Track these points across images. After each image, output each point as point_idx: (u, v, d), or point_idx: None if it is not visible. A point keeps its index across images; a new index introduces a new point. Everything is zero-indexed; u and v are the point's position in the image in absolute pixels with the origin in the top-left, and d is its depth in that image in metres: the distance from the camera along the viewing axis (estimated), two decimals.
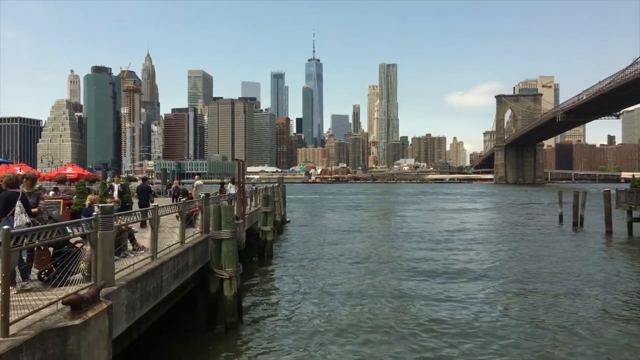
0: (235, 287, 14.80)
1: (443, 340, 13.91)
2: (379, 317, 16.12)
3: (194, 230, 15.40)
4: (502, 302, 18.25)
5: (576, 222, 42.90)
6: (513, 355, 12.58)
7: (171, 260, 11.44)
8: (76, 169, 30.90)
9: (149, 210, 10.68)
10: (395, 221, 54.40)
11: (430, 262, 26.60)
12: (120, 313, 8.20)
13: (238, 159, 26.65)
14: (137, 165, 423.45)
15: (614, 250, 31.19)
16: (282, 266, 25.26)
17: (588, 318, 15.87)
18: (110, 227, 7.78)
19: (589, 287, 20.49)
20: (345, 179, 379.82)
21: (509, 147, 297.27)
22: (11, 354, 5.28)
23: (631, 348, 13.19)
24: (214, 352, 12.66)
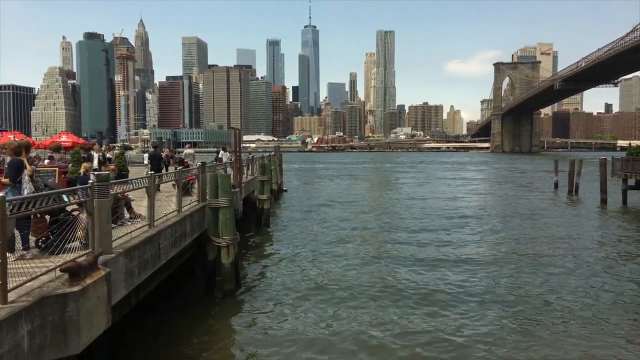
0: (232, 255, 14.90)
1: (437, 298, 14.45)
2: (375, 280, 16.45)
3: (190, 198, 15.39)
4: (494, 264, 18.76)
5: (571, 190, 43.13)
6: (506, 316, 12.89)
7: (168, 228, 11.45)
8: (71, 137, 30.69)
9: (146, 178, 10.62)
10: (392, 189, 54.58)
11: (426, 228, 26.95)
12: (118, 280, 8.24)
13: (234, 127, 26.46)
14: (132, 134, 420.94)
15: (607, 217, 31.47)
16: (279, 234, 25.42)
17: (578, 279, 16.43)
18: (106, 195, 7.74)
19: (579, 251, 20.91)
20: (341, 148, 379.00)
21: (506, 116, 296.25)
22: (10, 320, 5.31)
23: (620, 306, 13.66)
24: (212, 319, 12.82)
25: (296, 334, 11.80)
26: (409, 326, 12.37)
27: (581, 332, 11.79)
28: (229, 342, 11.47)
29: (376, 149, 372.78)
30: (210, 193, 15.21)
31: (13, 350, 5.35)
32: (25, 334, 5.57)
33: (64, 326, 6.17)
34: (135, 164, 39.10)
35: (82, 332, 6.40)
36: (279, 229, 27.10)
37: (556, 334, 11.71)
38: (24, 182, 8.14)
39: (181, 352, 10.55)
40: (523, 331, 11.98)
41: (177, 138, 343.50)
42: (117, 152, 26.40)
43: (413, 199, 42.63)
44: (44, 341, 5.94)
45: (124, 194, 11.18)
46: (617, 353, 10.58)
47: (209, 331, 11.93)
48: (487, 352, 10.81)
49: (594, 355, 10.54)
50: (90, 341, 6.69)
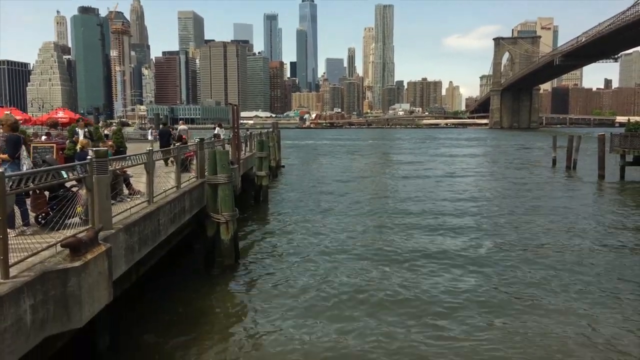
0: (231, 231, 14.98)
1: (435, 266, 14.88)
2: (374, 253, 16.72)
3: (189, 175, 15.40)
4: (490, 235, 19.40)
5: (569, 166, 43.23)
6: (503, 284, 13.16)
7: (167, 204, 11.48)
8: (68, 113, 30.54)
9: (144, 155, 10.59)
10: (389, 165, 54.61)
11: (423, 202, 27.25)
12: (119, 256, 8.30)
13: (232, 103, 26.29)
14: (129, 110, 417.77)
15: (604, 193, 31.63)
16: (278, 210, 25.50)
17: (572, 249, 16.97)
18: (105, 171, 7.73)
19: (574, 224, 21.28)
20: (339, 124, 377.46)
21: (505, 92, 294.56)
22: (12, 295, 5.36)
23: (612, 276, 14.01)
24: (212, 293, 12.95)
25: (295, 307, 11.93)
26: (406, 291, 12.57)
27: (573, 304, 11.96)
28: (229, 316, 11.61)
29: (374, 125, 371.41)
30: (209, 169, 15.21)
31: (16, 324, 5.41)
32: (28, 308, 5.62)
33: (66, 301, 6.24)
34: (133, 140, 39.00)
35: (84, 306, 6.47)
36: (277, 205, 27.18)
37: (547, 305, 11.89)
38: (22, 157, 8.13)
39: (181, 326, 10.69)
40: (514, 298, 12.21)
41: (175, 114, 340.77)
42: (114, 129, 26.33)
43: (410, 174, 42.78)
44: (47, 315, 6.00)
45: (123, 170, 11.17)
46: (610, 324, 10.74)
47: (209, 305, 12.06)
48: (477, 314, 11.00)
49: (584, 324, 10.71)
50: (92, 315, 6.77)
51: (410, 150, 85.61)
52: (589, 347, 9.74)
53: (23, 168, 8.02)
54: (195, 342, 9.95)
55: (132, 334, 10.13)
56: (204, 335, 10.36)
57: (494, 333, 10.45)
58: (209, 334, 10.46)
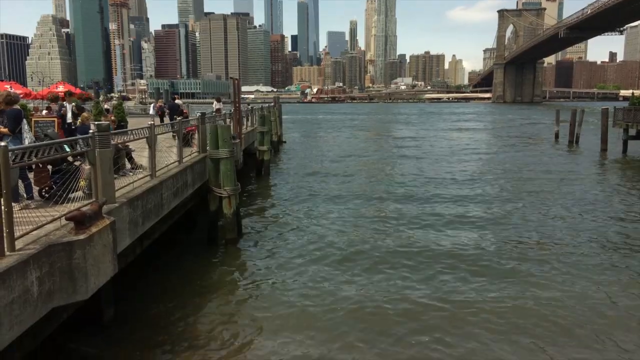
0: (234, 205, 15.05)
1: (438, 234, 15.34)
2: (376, 224, 16.93)
3: (191, 149, 15.41)
4: (491, 207, 19.75)
5: (572, 141, 43.08)
6: (502, 253, 13.38)
7: (170, 178, 11.53)
8: (68, 87, 30.33)
9: (146, 129, 10.58)
10: (391, 140, 54.46)
11: (425, 175, 27.44)
12: (123, 229, 8.37)
13: (233, 77, 26.09)
14: (129, 85, 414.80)
15: (606, 167, 31.62)
16: (280, 184, 25.57)
17: (572, 223, 17.18)
18: (107, 145, 7.74)
19: (575, 198, 21.35)
20: (341, 99, 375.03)
21: (508, 65, 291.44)
22: (19, 267, 5.44)
23: (609, 246, 14.19)
24: (216, 266, 13.09)
25: (297, 279, 12.08)
26: (411, 257, 12.76)
27: (571, 272, 12.08)
28: (232, 288, 11.76)
29: (376, 99, 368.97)
30: (211, 144, 15.19)
31: (23, 295, 5.51)
32: (35, 279, 5.71)
33: (71, 273, 6.32)
34: (134, 115, 38.87)
35: (90, 278, 6.56)
36: (279, 179, 27.23)
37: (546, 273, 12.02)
38: (24, 131, 8.12)
39: (185, 299, 10.83)
40: (514, 266, 12.37)
41: (175, 89, 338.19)
42: (115, 103, 26.23)
43: (412, 149, 42.72)
44: (53, 287, 6.10)
45: (125, 145, 11.19)
46: (604, 292, 10.87)
47: (212, 278, 12.21)
48: (479, 280, 11.15)
49: (578, 292, 10.85)
50: (97, 287, 6.87)
51: (412, 125, 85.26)
52: (586, 313, 9.89)
53: (25, 142, 8.03)
54: (198, 315, 10.10)
55: (136, 306, 10.29)
56: (207, 307, 10.51)
57: (495, 299, 10.62)
58: (213, 306, 10.61)
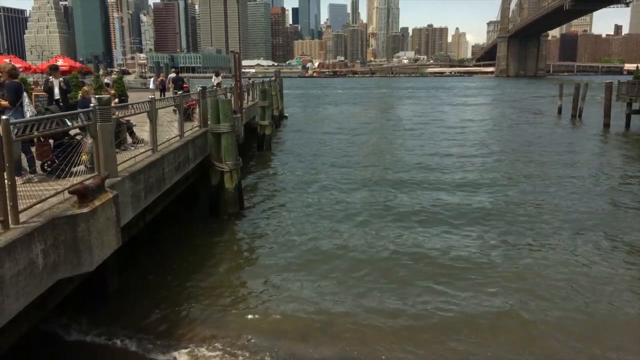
0: (235, 180, 15.10)
1: (438, 216, 15.24)
2: (377, 197, 17.11)
3: (192, 124, 15.36)
4: (492, 180, 20.01)
5: (575, 115, 42.85)
6: (504, 226, 13.50)
7: (171, 153, 11.53)
8: (67, 60, 30.12)
9: (146, 103, 10.53)
10: (393, 115, 54.22)
11: (427, 150, 27.49)
12: (125, 203, 8.42)
13: (234, 51, 25.83)
14: (128, 59, 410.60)
15: (608, 141, 31.53)
16: (281, 159, 25.59)
17: (572, 196, 17.30)
18: (109, 119, 7.72)
19: (577, 172, 21.58)
20: (342, 73, 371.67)
21: (512, 38, 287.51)
22: (24, 239, 5.49)
23: (613, 220, 14.50)
24: (218, 240, 13.21)
25: (298, 252, 12.21)
26: (412, 231, 12.92)
27: (570, 246, 12.17)
28: (234, 261, 11.91)
29: (378, 74, 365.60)
30: (212, 118, 15.15)
31: (29, 268, 5.58)
32: (39, 252, 5.78)
33: (76, 245, 6.39)
34: (134, 89, 38.63)
35: (94, 251, 6.63)
36: (280, 154, 27.23)
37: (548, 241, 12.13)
38: (25, 105, 8.10)
39: (188, 272, 10.97)
40: (515, 239, 12.51)
41: (175, 63, 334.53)
42: (115, 77, 26.05)
43: (414, 124, 42.57)
44: (58, 259, 6.17)
45: (126, 119, 11.17)
46: (604, 266, 10.98)
47: (215, 251, 12.34)
48: (481, 251, 11.29)
49: (581, 265, 10.96)
50: (102, 260, 6.95)
51: (414, 99, 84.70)
52: (585, 287, 10.01)
53: (27, 115, 8.02)
54: (201, 286, 10.25)
55: (140, 278, 10.44)
56: (210, 279, 10.65)
57: (497, 269, 10.75)
58: (215, 278, 10.75)
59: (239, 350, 7.87)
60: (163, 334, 8.29)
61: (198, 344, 8.00)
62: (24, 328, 6.63)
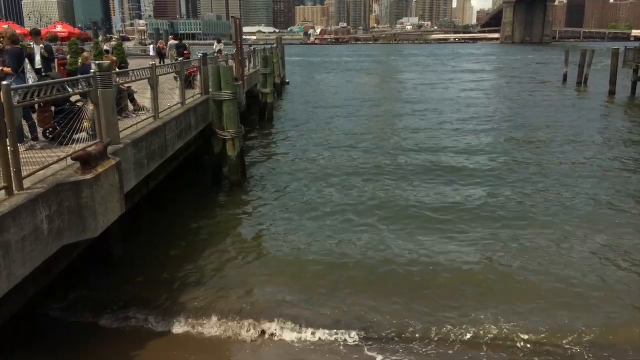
0: (238, 148, 15.06)
1: (441, 182, 15.47)
2: (379, 166, 17.13)
3: (193, 91, 15.25)
4: (500, 149, 20.06)
5: (580, 82, 42.37)
6: (507, 194, 13.81)
7: (173, 120, 11.48)
8: (66, 27, 29.76)
9: (147, 69, 10.43)
10: (396, 82, 53.67)
11: (431, 118, 27.38)
12: (129, 170, 8.43)
13: (235, 17, 25.42)
14: (128, 25, 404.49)
15: (612, 108, 31.27)
16: (283, 127, 25.49)
17: (576, 164, 17.45)
18: (110, 85, 7.66)
19: (580, 140, 21.61)
20: (345, 40, 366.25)
21: (518, 4, 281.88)
22: (28, 205, 5.53)
23: (616, 187, 14.61)
24: (220, 207, 13.30)
25: (301, 219, 12.29)
26: (415, 197, 13.49)
27: (573, 214, 12.23)
28: (237, 228, 12.00)
29: (381, 41, 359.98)
30: (213, 86, 15.00)
31: (34, 233, 5.63)
32: (44, 218, 5.82)
33: (80, 212, 6.44)
34: (134, 56, 38.21)
35: (98, 217, 6.68)
36: (282, 122, 27.10)
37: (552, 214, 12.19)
38: (27, 71, 8.05)
39: (192, 239, 11.09)
40: (519, 207, 12.73)
41: (175, 30, 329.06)
42: (114, 44, 25.74)
43: (417, 91, 42.20)
44: (63, 225, 6.23)
45: (127, 86, 11.10)
46: (605, 233, 11.04)
47: (218, 219, 12.43)
48: (483, 219, 11.44)
49: (582, 232, 11.04)
50: (106, 226, 7.01)
51: (417, 67, 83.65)
52: (587, 252, 10.11)
53: (29, 82, 7.96)
54: (204, 253, 10.37)
55: (144, 244, 10.55)
56: (213, 246, 10.76)
57: (499, 238, 10.88)
58: (218, 245, 10.86)
59: (242, 315, 8.01)
60: (167, 300, 8.41)
61: (201, 310, 8.13)
62: (30, 293, 6.75)
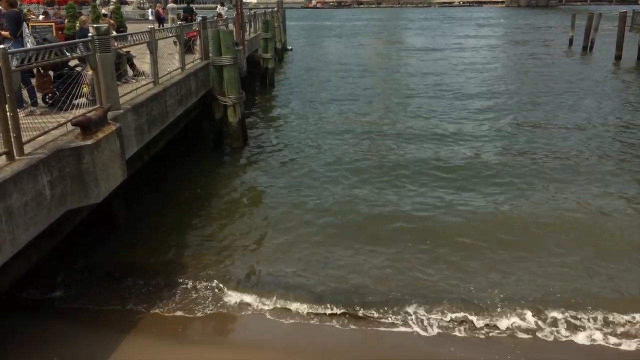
0: (239, 114, 14.98)
1: (443, 142, 15.71)
2: (381, 133, 17.06)
3: (193, 56, 15.06)
4: (498, 111, 20.10)
5: (586, 47, 41.61)
6: (510, 158, 13.89)
7: (173, 85, 11.38)
8: None
9: (146, 33, 10.27)
10: (401, 47, 52.81)
11: (435, 82, 27.14)
12: (129, 136, 8.41)
13: None
14: None
15: (618, 73, 30.79)
16: (285, 93, 25.24)
17: (579, 128, 17.35)
18: (108, 49, 7.55)
19: (585, 101, 21.71)
20: (347, 4, 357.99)
21: None
22: (29, 170, 5.53)
23: (620, 151, 14.58)
24: (222, 173, 13.33)
25: (303, 184, 12.32)
26: (417, 162, 13.50)
27: (576, 180, 12.24)
28: (239, 193, 12.05)
29: (384, 4, 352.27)
30: (213, 50, 14.79)
31: (36, 198, 5.66)
32: (46, 183, 5.84)
33: (82, 177, 6.44)
34: (132, 20, 37.58)
35: (100, 183, 6.69)
36: (284, 88, 26.82)
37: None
38: (25, 36, 7.92)
39: (193, 204, 11.14)
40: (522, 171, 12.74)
41: None
42: (112, 7, 25.26)
43: (422, 56, 41.58)
44: (65, 190, 6.25)
45: (126, 50, 10.96)
46: (606, 199, 11.07)
47: (219, 184, 12.47)
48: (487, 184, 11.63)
49: (584, 198, 11.09)
50: (108, 191, 7.03)
51: (421, 30, 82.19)
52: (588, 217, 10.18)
53: (27, 46, 7.85)
54: (206, 218, 10.45)
55: (146, 210, 10.61)
56: (214, 211, 10.83)
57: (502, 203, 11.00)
58: (220, 210, 10.93)
59: (241, 282, 8.11)
60: (169, 266, 8.50)
61: (202, 276, 8.22)
62: (35, 258, 6.83)
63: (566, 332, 6.78)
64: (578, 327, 6.86)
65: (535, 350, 6.49)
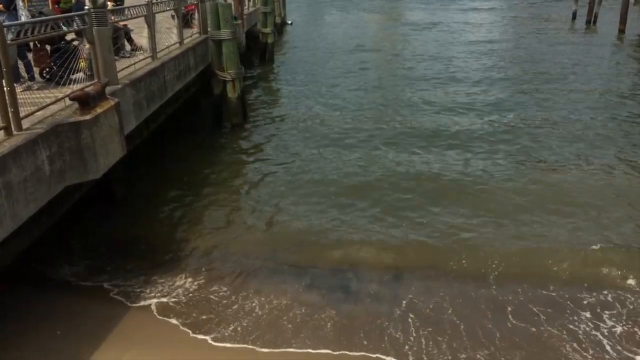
0: (238, 89, 14.84)
1: (450, 115, 15.87)
2: (381, 109, 16.98)
3: (191, 31, 14.85)
4: (503, 86, 19.93)
5: (589, 20, 41.05)
6: (511, 131, 13.99)
7: (172, 60, 11.25)
8: None
9: (143, 7, 10.11)
10: (401, 22, 52.10)
11: (436, 55, 27.07)
12: (128, 111, 8.34)
13: None
14: None
15: (621, 47, 30.42)
16: (284, 69, 24.99)
17: (581, 102, 17.30)
18: (105, 23, 7.44)
19: (586, 72, 21.91)
20: None
21: None
22: (28, 145, 5.50)
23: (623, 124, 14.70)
24: (221, 149, 13.27)
25: (303, 160, 12.30)
26: (419, 134, 13.71)
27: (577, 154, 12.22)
28: (239, 169, 12.04)
29: None
30: (212, 24, 14.57)
31: (35, 174, 5.64)
32: (45, 158, 5.81)
33: (81, 152, 6.41)
34: None
35: (100, 158, 6.67)
36: (284, 64, 26.54)
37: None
38: (19, 9, 7.80)
39: (194, 180, 11.14)
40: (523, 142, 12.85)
41: None
42: None
43: (422, 30, 41.12)
44: (64, 166, 6.23)
45: (124, 24, 10.81)
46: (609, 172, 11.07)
47: (219, 160, 12.45)
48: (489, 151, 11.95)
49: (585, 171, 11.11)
50: (108, 167, 7.01)
51: (422, 6, 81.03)
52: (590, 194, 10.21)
53: (21, 19, 7.74)
54: (206, 194, 10.46)
55: (146, 186, 10.61)
56: (215, 187, 10.83)
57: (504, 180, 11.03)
58: (220, 186, 10.93)
59: (237, 261, 8.12)
60: (169, 242, 8.54)
61: (202, 251, 8.27)
62: (35, 234, 6.85)
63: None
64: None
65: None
